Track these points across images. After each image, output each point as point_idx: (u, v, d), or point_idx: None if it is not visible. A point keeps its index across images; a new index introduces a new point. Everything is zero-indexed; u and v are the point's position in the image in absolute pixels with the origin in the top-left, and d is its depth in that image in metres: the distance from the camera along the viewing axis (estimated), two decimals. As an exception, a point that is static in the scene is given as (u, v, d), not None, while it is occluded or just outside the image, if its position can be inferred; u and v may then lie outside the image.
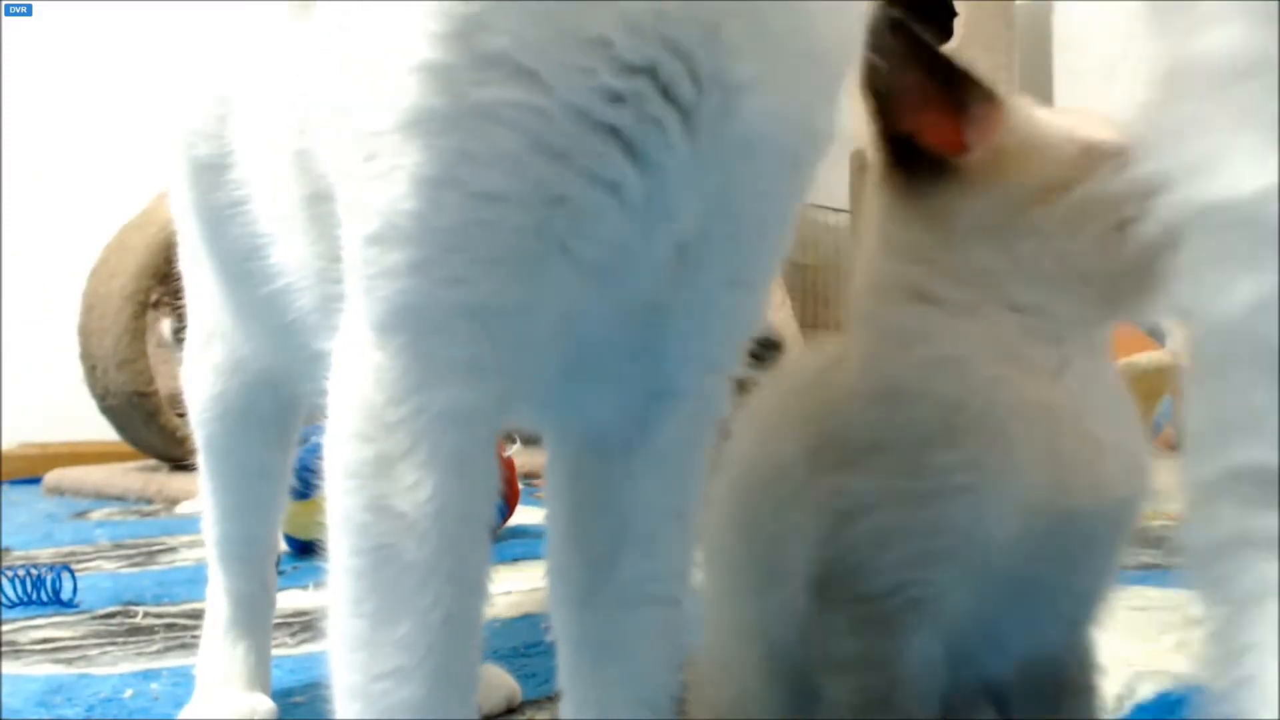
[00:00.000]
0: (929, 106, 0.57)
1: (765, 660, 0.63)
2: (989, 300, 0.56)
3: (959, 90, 0.57)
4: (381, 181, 0.45)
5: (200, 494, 0.86)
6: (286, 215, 0.58)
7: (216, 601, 0.87)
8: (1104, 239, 0.55)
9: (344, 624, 0.47)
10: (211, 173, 0.65)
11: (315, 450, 0.49)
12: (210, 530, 0.86)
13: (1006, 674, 0.60)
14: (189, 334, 0.84)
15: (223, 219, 0.66)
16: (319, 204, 0.53)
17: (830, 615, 0.57)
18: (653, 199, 0.46)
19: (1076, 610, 0.59)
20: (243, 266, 0.65)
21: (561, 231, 0.45)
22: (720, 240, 0.49)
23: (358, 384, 0.47)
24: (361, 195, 0.46)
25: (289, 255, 0.60)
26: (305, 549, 1.63)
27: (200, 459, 0.84)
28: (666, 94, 0.44)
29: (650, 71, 0.44)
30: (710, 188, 0.47)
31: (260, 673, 0.86)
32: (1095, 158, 0.55)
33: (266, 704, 0.84)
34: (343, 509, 0.47)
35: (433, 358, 0.46)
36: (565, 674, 0.57)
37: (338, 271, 0.50)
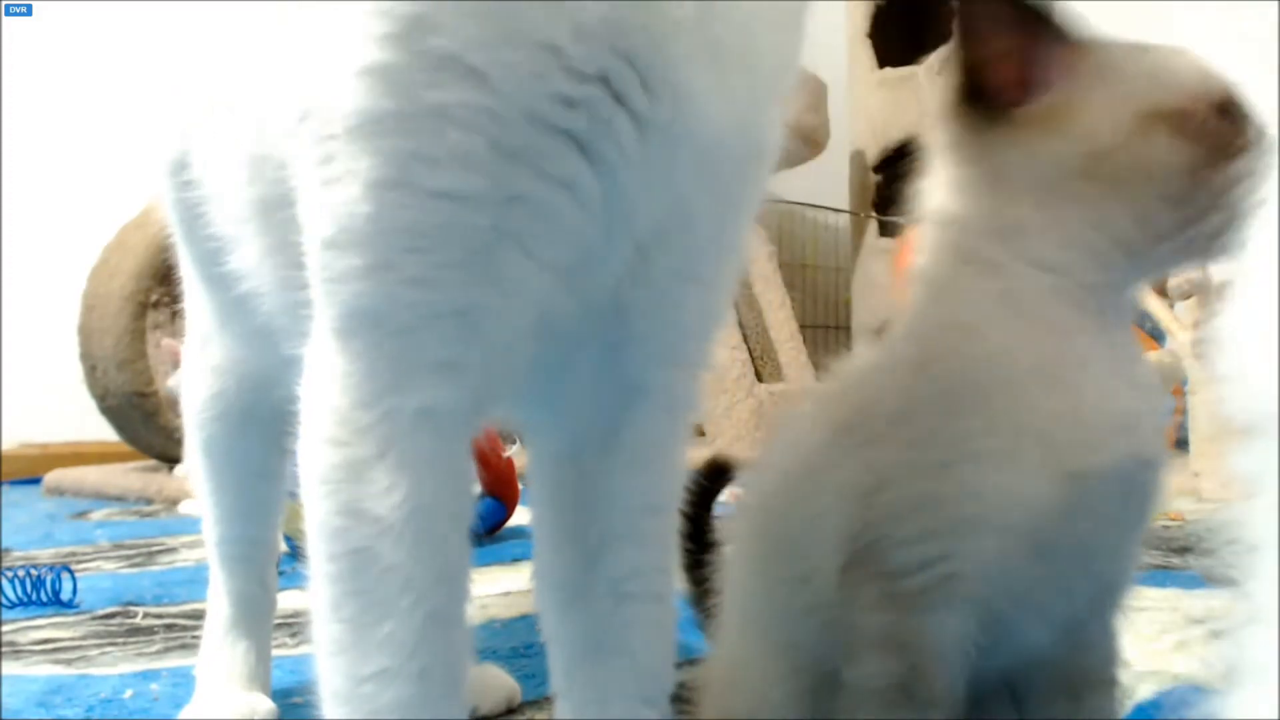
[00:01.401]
0: (1004, 39, 0.56)
1: (785, 664, 0.62)
2: (1016, 258, 0.56)
3: (1037, 28, 0.56)
4: (337, 185, 0.45)
5: (198, 495, 0.86)
6: (243, 219, 0.58)
7: (217, 602, 0.87)
8: (1145, 208, 0.54)
9: (325, 629, 0.46)
10: (181, 172, 0.66)
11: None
12: (210, 531, 0.86)
13: (1046, 649, 0.58)
14: (187, 335, 0.84)
15: (192, 220, 0.66)
16: (275, 209, 0.53)
17: (855, 595, 0.56)
18: (609, 199, 0.46)
19: (1109, 574, 0.58)
20: (212, 269, 0.65)
21: (519, 231, 0.45)
22: (676, 239, 0.50)
23: (325, 389, 0.47)
24: (318, 199, 0.46)
25: (248, 259, 0.60)
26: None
27: (197, 460, 0.84)
28: (619, 99, 0.45)
29: (602, 79, 0.44)
30: (664, 189, 0.47)
31: (260, 673, 0.86)
32: (1148, 125, 0.54)
33: (266, 704, 0.84)
34: (318, 514, 0.46)
35: (398, 360, 0.46)
36: (558, 674, 0.57)
37: (298, 278, 0.50)
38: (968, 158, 0.58)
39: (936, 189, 0.60)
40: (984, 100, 0.56)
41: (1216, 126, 0.54)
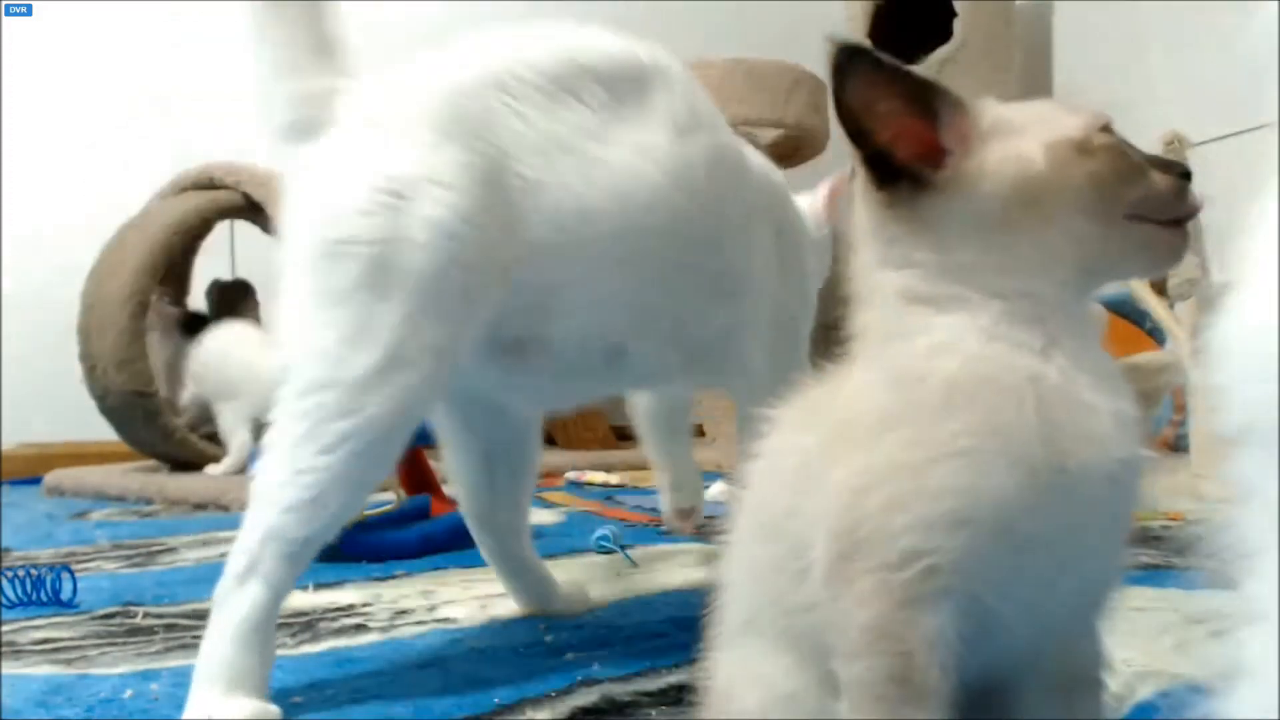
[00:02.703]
0: (901, 122, 0.61)
1: (792, 657, 0.63)
2: (974, 292, 0.60)
3: (928, 102, 0.61)
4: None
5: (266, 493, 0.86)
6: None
7: (246, 603, 0.85)
8: (1074, 225, 0.60)
9: None
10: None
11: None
12: (292, 530, 0.85)
13: (1035, 648, 0.60)
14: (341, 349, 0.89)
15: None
16: None
17: (848, 589, 0.58)
18: None
19: (1092, 573, 0.60)
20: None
21: None
22: None
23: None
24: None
25: None
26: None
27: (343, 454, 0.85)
28: None
29: None
30: None
31: (266, 677, 0.86)
32: (1057, 152, 0.61)
33: (273, 709, 0.84)
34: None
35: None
36: None
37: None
38: (895, 228, 0.63)
39: (866, 264, 0.64)
40: (897, 176, 0.62)
41: (1107, 143, 0.62)
